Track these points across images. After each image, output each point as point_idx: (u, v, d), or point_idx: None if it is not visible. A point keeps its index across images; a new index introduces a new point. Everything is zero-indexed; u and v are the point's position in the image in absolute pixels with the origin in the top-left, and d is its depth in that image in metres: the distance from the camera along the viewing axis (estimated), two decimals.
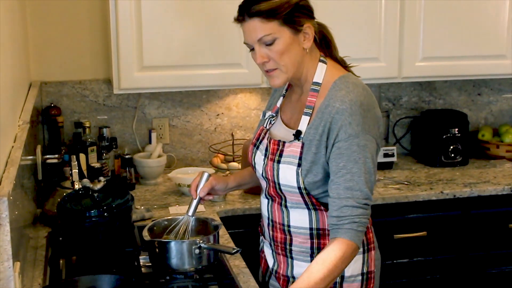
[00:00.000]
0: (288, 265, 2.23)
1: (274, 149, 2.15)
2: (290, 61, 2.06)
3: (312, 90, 2.10)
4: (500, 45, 3.54)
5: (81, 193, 2.39)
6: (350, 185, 1.98)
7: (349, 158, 1.99)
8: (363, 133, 2.01)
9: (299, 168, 2.07)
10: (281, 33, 2.02)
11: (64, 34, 3.40)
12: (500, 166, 3.68)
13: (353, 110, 2.01)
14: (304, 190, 2.08)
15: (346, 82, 2.08)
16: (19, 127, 2.36)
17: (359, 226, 1.97)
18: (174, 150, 3.61)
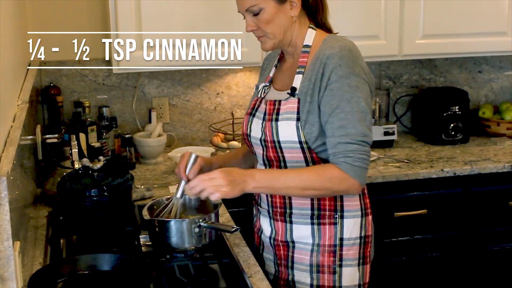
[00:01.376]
0: (287, 230, 2.24)
1: (271, 109, 2.19)
2: (276, 29, 2.14)
3: (303, 52, 2.18)
4: (501, 22, 3.53)
5: (81, 172, 2.38)
6: (343, 123, 2.04)
7: (342, 97, 2.05)
8: (354, 75, 2.06)
9: (298, 122, 2.11)
10: (266, 3, 2.10)
11: (63, 12, 3.38)
12: (500, 143, 3.68)
13: (342, 54, 2.07)
14: (305, 144, 2.12)
15: (334, 36, 2.18)
16: (18, 106, 2.35)
17: (355, 161, 2.02)
18: (174, 129, 3.61)
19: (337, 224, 2.19)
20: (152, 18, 3.11)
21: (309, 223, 2.20)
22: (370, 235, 2.26)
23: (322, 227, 2.19)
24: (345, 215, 2.19)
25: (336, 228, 2.19)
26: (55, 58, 3.39)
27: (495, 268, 3.43)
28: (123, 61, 3.10)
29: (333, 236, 2.19)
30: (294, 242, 2.24)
